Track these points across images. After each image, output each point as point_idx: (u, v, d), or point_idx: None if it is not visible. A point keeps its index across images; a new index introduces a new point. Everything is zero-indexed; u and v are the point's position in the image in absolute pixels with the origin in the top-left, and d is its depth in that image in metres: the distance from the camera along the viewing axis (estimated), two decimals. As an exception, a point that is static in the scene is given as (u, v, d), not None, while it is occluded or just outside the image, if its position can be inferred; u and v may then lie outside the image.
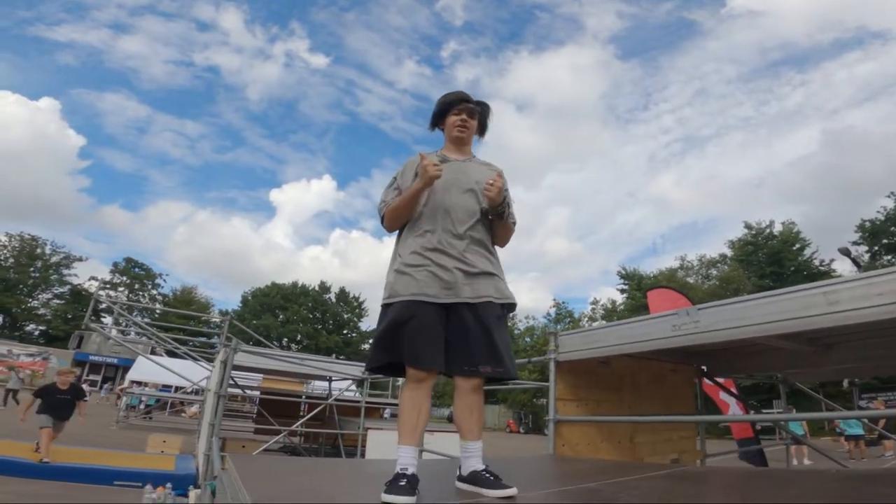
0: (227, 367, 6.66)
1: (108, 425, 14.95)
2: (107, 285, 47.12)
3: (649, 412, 4.48)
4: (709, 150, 73.68)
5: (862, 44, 60.47)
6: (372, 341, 1.99)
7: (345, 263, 76.25)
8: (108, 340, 30.92)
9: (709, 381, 5.60)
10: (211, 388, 7.67)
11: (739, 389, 7.08)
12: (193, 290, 52.58)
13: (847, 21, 65.39)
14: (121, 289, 48.30)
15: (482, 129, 2.29)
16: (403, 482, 1.67)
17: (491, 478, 1.83)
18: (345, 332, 51.22)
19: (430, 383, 1.90)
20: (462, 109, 2.18)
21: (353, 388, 12.11)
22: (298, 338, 48.14)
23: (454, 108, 2.19)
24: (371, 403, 12.20)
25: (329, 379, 12.17)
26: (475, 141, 2.31)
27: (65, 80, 69.69)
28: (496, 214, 2.07)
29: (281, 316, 48.87)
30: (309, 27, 79.75)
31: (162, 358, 17.13)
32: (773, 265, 33.64)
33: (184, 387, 17.20)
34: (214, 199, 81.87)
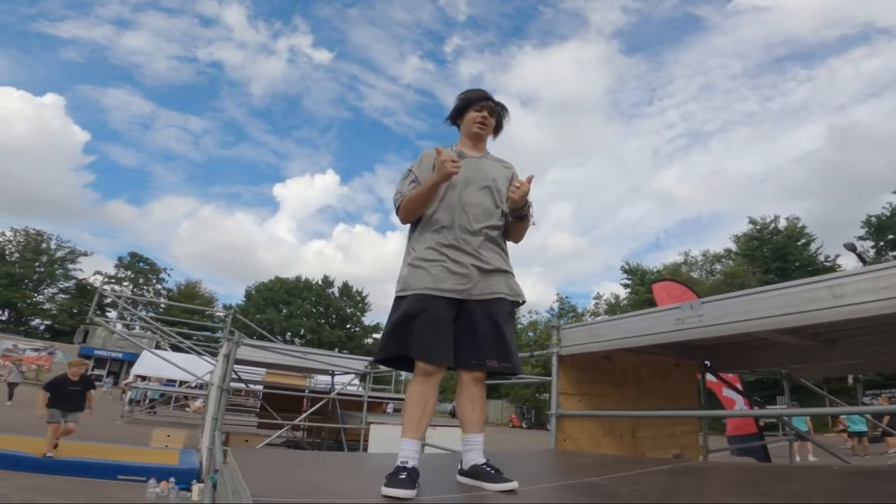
0: (229, 361, 6.67)
1: (113, 420, 15.06)
2: (112, 280, 47.36)
3: (652, 407, 4.46)
4: (713, 146, 73.26)
5: (868, 40, 59.92)
6: (383, 332, 2.00)
7: (348, 258, 76.35)
8: (112, 335, 31.07)
9: (712, 377, 5.58)
10: (214, 383, 7.69)
11: (743, 385, 7.05)
12: (197, 284, 52.91)
13: (854, 17, 64.88)
14: (125, 283, 48.50)
15: (497, 129, 2.32)
16: (404, 475, 1.66)
17: (492, 471, 1.84)
18: (348, 326, 51.32)
19: (438, 378, 1.90)
20: (484, 107, 2.21)
21: (357, 382, 12.12)
22: (302, 332, 48.25)
23: (476, 105, 2.21)
24: (374, 398, 12.21)
25: (332, 373, 12.19)
26: (494, 140, 2.33)
27: (69, 76, 69.94)
28: (517, 216, 2.09)
29: (284, 310, 48.95)
30: (312, 23, 79.50)
31: (166, 352, 17.18)
32: (777, 260, 33.48)
33: (188, 381, 17.28)
34: (218, 194, 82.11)
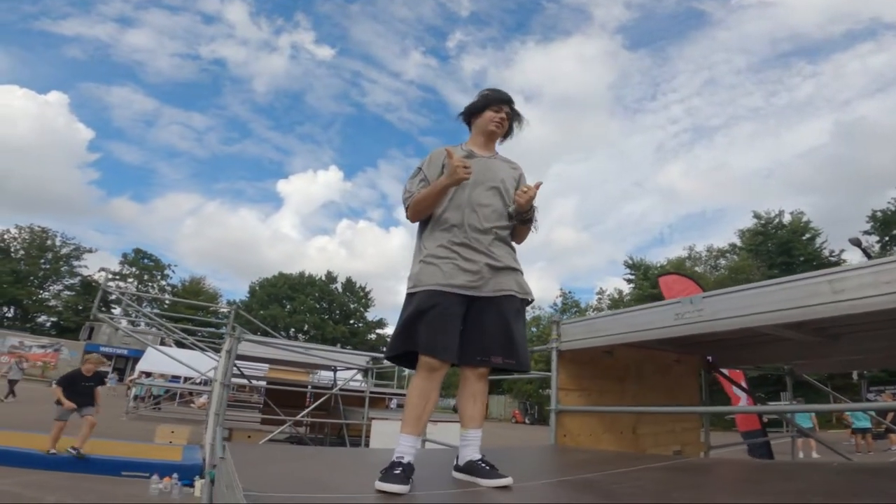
0: (230, 356, 6.69)
1: (119, 416, 15.13)
2: (116, 276, 47.50)
3: (653, 403, 4.43)
4: (717, 141, 72.79)
5: (875, 35, 59.42)
6: (395, 329, 1.99)
7: (352, 254, 76.47)
8: (117, 331, 31.20)
9: (716, 373, 5.55)
10: (217, 379, 7.70)
11: (748, 381, 7.00)
12: (202, 280, 53.04)
13: (860, 13, 64.19)
14: (130, 280, 48.68)
15: (507, 134, 2.34)
16: (398, 471, 1.66)
17: (486, 467, 1.84)
18: (351, 321, 51.41)
19: (442, 374, 1.90)
20: (502, 108, 2.22)
21: (360, 378, 12.15)
22: (305, 328, 48.38)
23: (495, 105, 2.23)
24: (376, 393, 12.23)
25: (334, 369, 12.21)
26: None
27: (72, 74, 69.94)
28: (522, 220, 2.11)
29: (288, 306, 49.07)
30: (314, 19, 79.36)
31: (171, 349, 17.21)
32: (782, 255, 33.34)
33: (192, 377, 17.33)
34: (222, 191, 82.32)
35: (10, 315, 44.11)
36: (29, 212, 67.23)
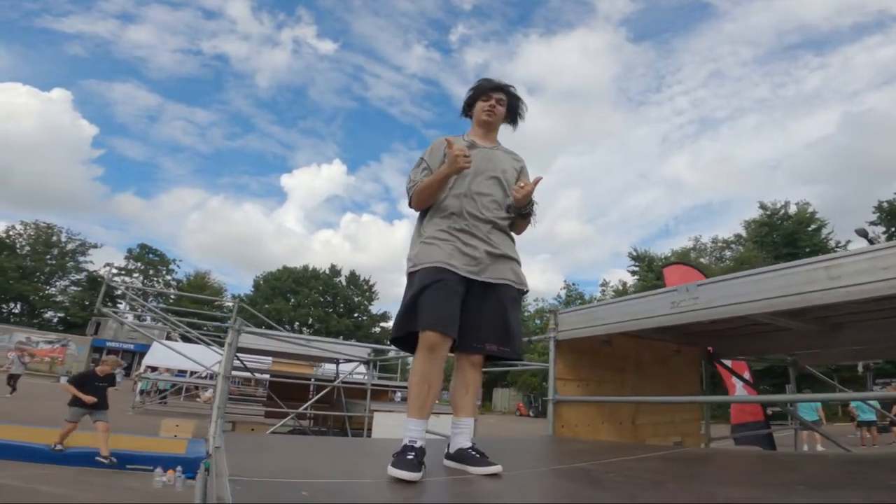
0: (231, 349, 6.72)
1: (125, 411, 15.23)
2: (122, 271, 47.73)
3: (652, 394, 4.41)
4: (723, 132, 72.38)
5: (883, 28, 58.76)
6: (399, 310, 1.97)
7: (356, 247, 76.44)
8: (122, 326, 31.40)
9: (717, 364, 5.51)
10: (220, 372, 7.74)
11: (752, 374, 6.95)
12: (206, 275, 53.17)
13: (868, 5, 63.36)
14: (136, 275, 48.90)
15: (513, 119, 2.32)
16: (411, 456, 1.65)
17: (477, 455, 1.85)
18: (355, 315, 51.49)
19: (443, 353, 1.86)
20: (491, 96, 2.22)
21: (364, 370, 12.17)
22: (310, 321, 48.52)
23: (484, 95, 2.23)
24: (378, 386, 12.26)
25: (337, 362, 12.24)
26: (510, 131, 2.36)
27: (75, 71, 69.86)
28: (520, 215, 2.12)
29: (292, 300, 49.21)
30: (316, 13, 79.14)
31: (176, 343, 17.28)
32: (788, 246, 33.12)
33: (197, 371, 17.42)
34: (226, 185, 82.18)
35: (16, 311, 44.45)
36: (34, 208, 67.83)
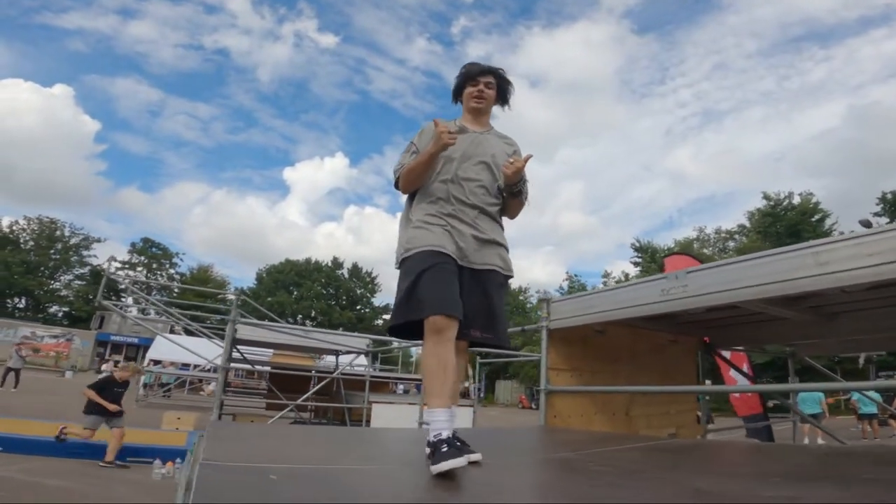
0: (229, 340, 6.74)
1: (129, 404, 15.33)
2: (125, 265, 47.92)
3: (647, 384, 4.37)
4: (727, 124, 71.70)
5: (889, 21, 58.03)
6: (397, 299, 1.93)
7: (359, 240, 76.43)
8: (124, 319, 31.51)
9: (714, 355, 5.48)
10: (219, 363, 7.78)
11: (753, 366, 6.90)
12: (210, 268, 53.32)
13: (875, -3, 62.45)
14: (139, 269, 49.07)
15: (503, 100, 2.29)
16: (445, 448, 1.58)
17: (457, 443, 1.81)
18: (358, 307, 51.56)
19: (452, 335, 1.80)
20: (479, 81, 2.20)
21: (366, 362, 12.18)
22: (313, 314, 48.64)
23: (471, 80, 2.22)
24: (377, 378, 12.27)
25: (337, 353, 12.26)
26: (502, 112, 2.34)
27: (76, 67, 69.88)
28: (511, 193, 2.09)
29: (295, 293, 49.30)
30: (317, 7, 78.33)
31: (179, 337, 17.34)
32: (791, 237, 32.91)
33: (201, 365, 17.47)
34: (229, 179, 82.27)
35: (21, 306, 44.69)
36: (38, 204, 67.93)
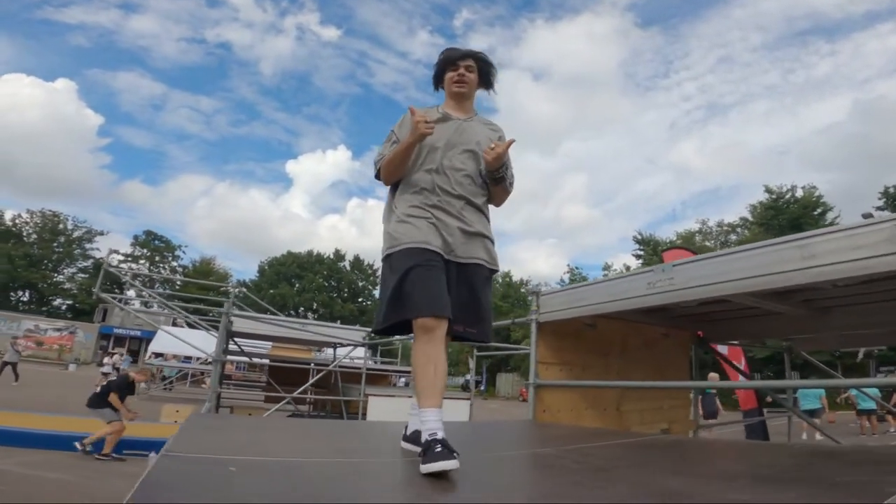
0: (223, 332, 6.74)
1: (130, 398, 15.38)
2: (128, 258, 48.02)
3: (639, 379, 4.32)
4: (732, 118, 71.19)
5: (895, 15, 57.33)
6: (382, 298, 1.88)
7: (362, 232, 76.23)
8: (125, 311, 31.58)
9: (712, 350, 5.42)
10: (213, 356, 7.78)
11: (752, 361, 6.86)
12: (212, 261, 53.44)
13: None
14: (142, 261, 49.20)
15: (486, 84, 2.22)
16: (438, 448, 1.53)
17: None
18: (360, 300, 51.56)
19: (442, 333, 1.76)
20: (459, 65, 2.13)
21: (365, 354, 12.17)
22: (314, 306, 48.71)
23: (451, 65, 2.14)
24: (374, 370, 12.26)
25: (335, 346, 12.26)
26: (488, 97, 2.27)
27: (78, 62, 69.46)
28: (493, 179, 2.04)
29: (297, 285, 49.34)
30: (319, 0, 77.98)
31: (181, 329, 17.36)
32: (793, 230, 32.65)
33: (203, 357, 17.50)
34: (232, 172, 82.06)
35: (25, 299, 44.90)
36: (42, 197, 68.00)
